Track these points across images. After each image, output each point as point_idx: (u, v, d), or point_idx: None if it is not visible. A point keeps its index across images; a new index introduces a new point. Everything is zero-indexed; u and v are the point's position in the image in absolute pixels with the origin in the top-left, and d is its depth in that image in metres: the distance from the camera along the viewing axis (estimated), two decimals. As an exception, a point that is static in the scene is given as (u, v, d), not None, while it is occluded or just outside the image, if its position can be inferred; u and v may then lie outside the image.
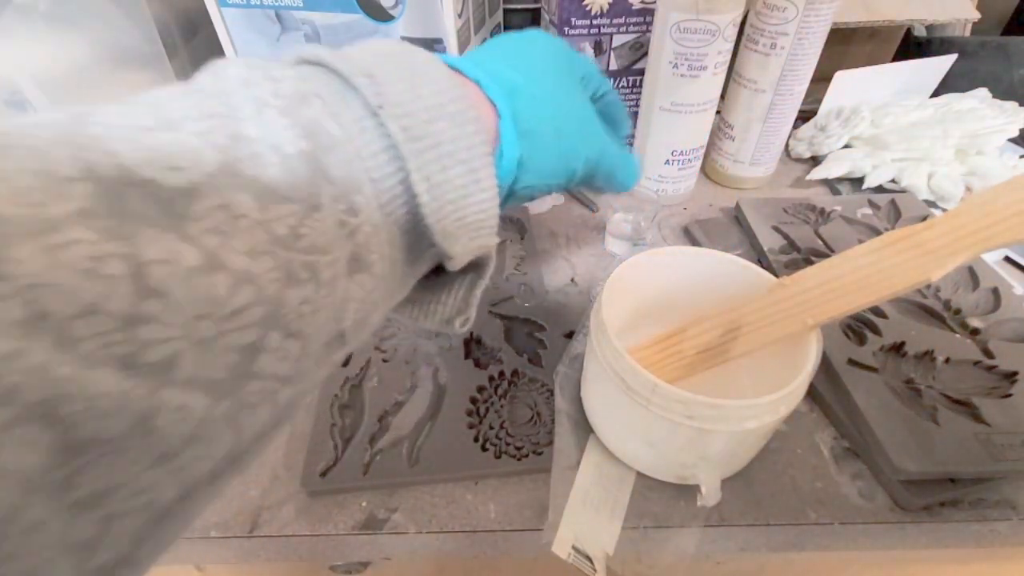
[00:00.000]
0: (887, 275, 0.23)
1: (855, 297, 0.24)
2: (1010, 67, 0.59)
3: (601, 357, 0.27)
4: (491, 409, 0.33)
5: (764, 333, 0.27)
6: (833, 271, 0.25)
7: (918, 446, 0.28)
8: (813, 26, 0.43)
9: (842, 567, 0.38)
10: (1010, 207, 0.21)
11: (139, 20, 0.54)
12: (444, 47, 0.49)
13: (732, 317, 0.28)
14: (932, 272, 0.22)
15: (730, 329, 0.28)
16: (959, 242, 0.22)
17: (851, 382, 0.32)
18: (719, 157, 0.54)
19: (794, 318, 0.26)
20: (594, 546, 0.28)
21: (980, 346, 0.34)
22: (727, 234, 0.47)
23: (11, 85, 0.52)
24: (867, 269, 0.24)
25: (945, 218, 0.23)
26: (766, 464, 0.31)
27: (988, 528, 0.29)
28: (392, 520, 0.30)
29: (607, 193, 0.29)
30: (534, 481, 0.31)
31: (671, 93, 0.45)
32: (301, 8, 0.49)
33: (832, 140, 0.55)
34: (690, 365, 0.29)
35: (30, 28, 0.49)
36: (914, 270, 0.22)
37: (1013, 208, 0.21)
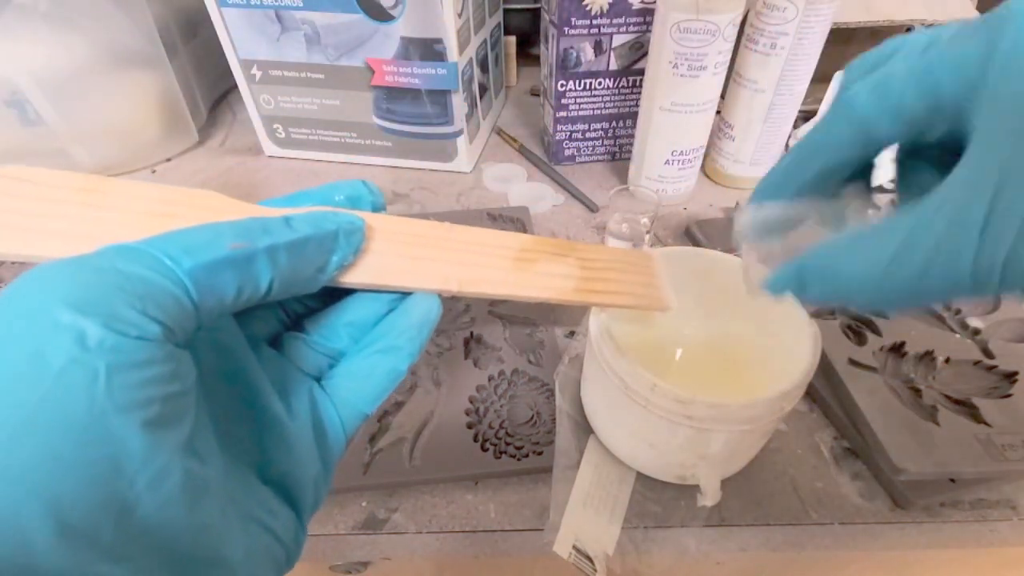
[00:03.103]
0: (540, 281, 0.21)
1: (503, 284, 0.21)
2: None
3: (600, 357, 0.27)
4: (491, 409, 0.33)
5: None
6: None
7: (918, 446, 0.28)
8: (813, 26, 0.43)
9: (842, 567, 0.38)
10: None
11: (139, 20, 0.54)
12: (444, 47, 0.49)
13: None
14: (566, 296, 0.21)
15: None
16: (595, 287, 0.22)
17: (851, 382, 0.32)
18: (719, 157, 0.54)
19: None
20: (594, 546, 0.28)
21: (980, 346, 0.34)
22: (727, 234, 0.47)
23: (11, 85, 0.51)
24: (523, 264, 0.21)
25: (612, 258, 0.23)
26: (766, 464, 0.31)
27: (988, 528, 0.29)
28: (392, 520, 0.30)
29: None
30: (534, 481, 0.31)
31: (671, 93, 0.45)
32: (301, 8, 0.49)
33: (832, 140, 0.55)
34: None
35: (30, 28, 0.49)
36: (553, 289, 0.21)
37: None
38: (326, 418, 0.17)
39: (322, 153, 0.60)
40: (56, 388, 0.11)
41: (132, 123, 0.58)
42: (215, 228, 0.14)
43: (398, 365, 0.18)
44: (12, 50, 0.50)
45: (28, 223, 0.15)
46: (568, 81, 0.52)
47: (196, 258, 0.13)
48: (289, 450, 0.16)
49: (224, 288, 0.14)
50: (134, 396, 0.11)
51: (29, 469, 0.10)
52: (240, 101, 0.63)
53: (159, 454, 0.12)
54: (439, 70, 0.50)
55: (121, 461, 0.11)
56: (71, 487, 0.11)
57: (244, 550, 0.14)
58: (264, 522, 0.15)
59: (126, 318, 0.12)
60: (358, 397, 0.18)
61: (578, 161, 0.59)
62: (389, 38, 0.49)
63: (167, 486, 0.12)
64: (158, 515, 0.12)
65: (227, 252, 0.14)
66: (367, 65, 0.51)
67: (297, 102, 0.56)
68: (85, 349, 0.11)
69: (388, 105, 0.54)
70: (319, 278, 0.17)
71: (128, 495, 0.11)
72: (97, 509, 0.11)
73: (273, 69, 0.54)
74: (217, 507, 0.13)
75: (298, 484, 0.16)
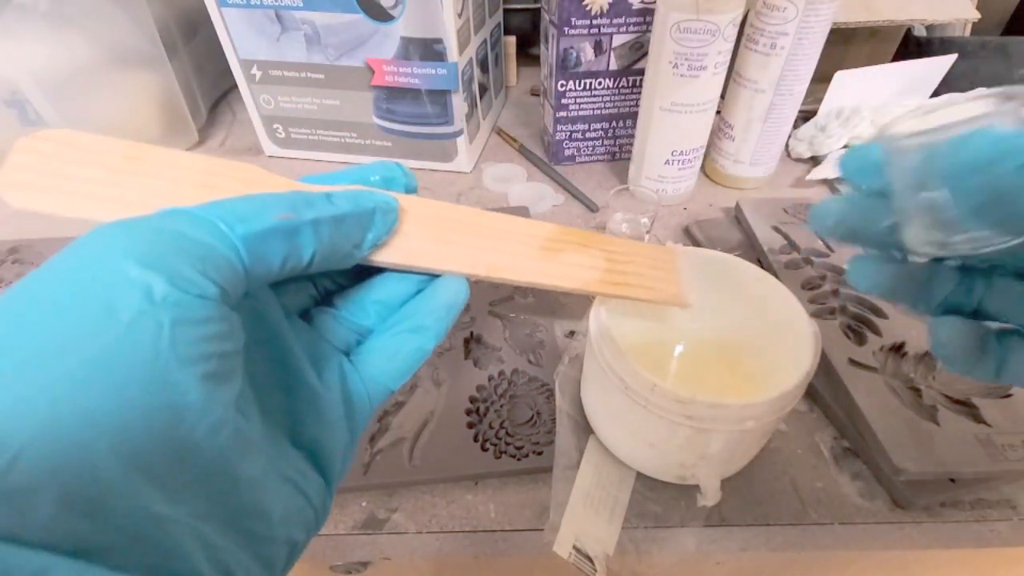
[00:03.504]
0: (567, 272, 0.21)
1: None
2: (1010, 67, 0.59)
3: (600, 357, 0.27)
4: (491, 409, 0.33)
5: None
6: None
7: (918, 446, 0.28)
8: (813, 26, 0.43)
9: (842, 567, 0.38)
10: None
11: (139, 20, 0.54)
12: (444, 47, 0.49)
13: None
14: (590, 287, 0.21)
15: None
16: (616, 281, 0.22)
17: (851, 382, 0.32)
18: (719, 157, 0.54)
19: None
20: (595, 546, 0.28)
21: (980, 346, 0.34)
22: (727, 234, 0.47)
23: (11, 85, 0.51)
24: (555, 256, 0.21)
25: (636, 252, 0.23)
26: (766, 464, 0.31)
27: (988, 528, 0.29)
28: (392, 520, 0.30)
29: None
30: (534, 481, 0.31)
31: (671, 93, 0.45)
32: (301, 8, 0.49)
33: (832, 140, 0.55)
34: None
35: (30, 28, 0.49)
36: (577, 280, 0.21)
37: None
38: (354, 391, 0.18)
39: (322, 153, 0.60)
40: (126, 337, 0.11)
41: (132, 123, 0.58)
42: (263, 199, 0.15)
43: (425, 344, 0.18)
44: (12, 50, 0.50)
45: (75, 186, 0.15)
46: (568, 81, 0.52)
47: (248, 226, 0.14)
48: (320, 418, 0.17)
49: (271, 256, 0.14)
50: (194, 350, 0.12)
51: (101, 410, 0.11)
52: (240, 101, 0.64)
53: (215, 407, 0.12)
54: (439, 70, 0.50)
55: (182, 410, 0.12)
56: (138, 429, 0.11)
57: (282, 507, 0.15)
58: (297, 484, 0.15)
59: (188, 277, 0.12)
60: (385, 373, 0.18)
61: (578, 161, 0.59)
62: (389, 38, 0.49)
63: (222, 437, 0.13)
64: (212, 464, 0.13)
65: (275, 222, 0.14)
66: (367, 65, 0.51)
67: (297, 102, 0.56)
68: (152, 303, 0.12)
69: (388, 105, 0.54)
70: (355, 254, 0.17)
71: (188, 442, 0.12)
72: (160, 452, 0.12)
73: (273, 69, 0.54)
74: (260, 464, 0.14)
75: (327, 451, 0.17)
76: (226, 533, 0.13)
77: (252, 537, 0.14)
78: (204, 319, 0.12)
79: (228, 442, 0.13)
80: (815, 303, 0.38)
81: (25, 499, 0.10)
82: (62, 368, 0.11)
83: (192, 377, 0.12)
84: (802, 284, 0.39)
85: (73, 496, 0.11)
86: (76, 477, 0.11)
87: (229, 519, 0.13)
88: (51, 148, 0.16)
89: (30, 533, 0.10)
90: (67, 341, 0.11)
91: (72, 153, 0.16)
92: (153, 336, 0.12)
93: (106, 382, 0.11)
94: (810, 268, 0.40)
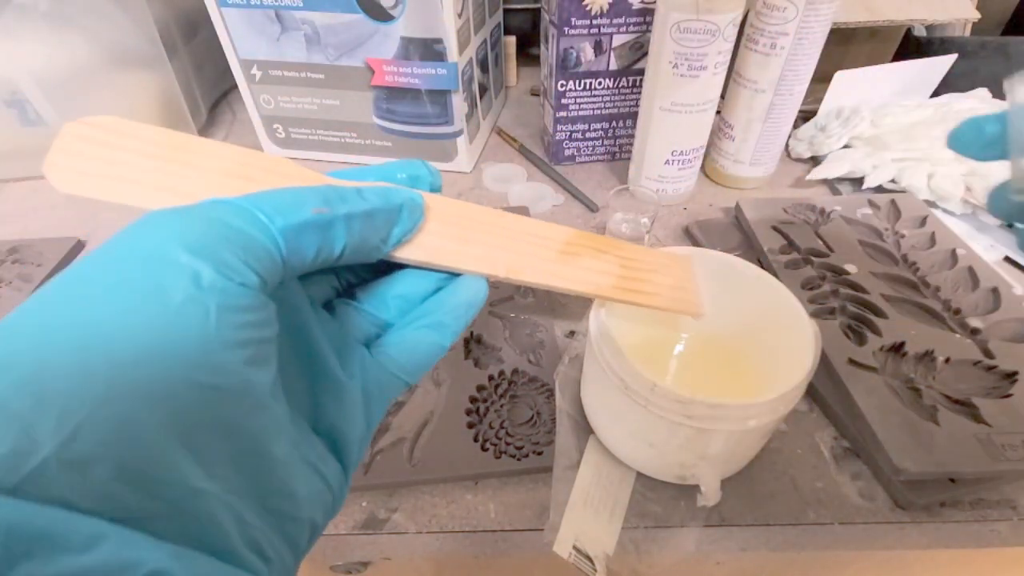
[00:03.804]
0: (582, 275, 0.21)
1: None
2: (1010, 67, 0.59)
3: (600, 357, 0.27)
4: (491, 409, 0.33)
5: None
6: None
7: (918, 446, 0.28)
8: (813, 26, 0.43)
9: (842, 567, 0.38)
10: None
11: (139, 20, 0.54)
12: (444, 47, 0.49)
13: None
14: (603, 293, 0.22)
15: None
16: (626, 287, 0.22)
17: (851, 382, 0.32)
18: (719, 157, 0.54)
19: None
20: (595, 546, 0.28)
21: (980, 346, 0.34)
22: (727, 234, 0.47)
23: (11, 85, 0.51)
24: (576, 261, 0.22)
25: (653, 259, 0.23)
26: (766, 464, 0.31)
27: (988, 528, 0.29)
28: (392, 520, 0.30)
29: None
30: (534, 481, 0.31)
31: (671, 93, 0.45)
32: (301, 8, 0.49)
33: (832, 140, 0.55)
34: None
35: (30, 28, 0.49)
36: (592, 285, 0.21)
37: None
38: (372, 382, 0.18)
39: (322, 153, 0.60)
40: (177, 320, 0.12)
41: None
42: (300, 192, 0.15)
43: (443, 341, 0.19)
44: (12, 50, 0.50)
45: (119, 172, 0.16)
46: (568, 81, 0.52)
47: (287, 218, 0.14)
48: (341, 406, 0.17)
49: (306, 248, 0.15)
50: (236, 335, 0.13)
51: (153, 387, 0.12)
52: (240, 101, 0.64)
53: (253, 390, 0.13)
54: (439, 70, 0.50)
55: (225, 391, 0.13)
56: (185, 407, 0.12)
57: (306, 489, 0.15)
58: (318, 468, 0.16)
59: (232, 265, 0.13)
60: (402, 367, 0.18)
61: (578, 161, 0.59)
62: (389, 38, 0.49)
63: (258, 419, 0.13)
64: (248, 443, 0.13)
65: (311, 216, 0.15)
66: (367, 65, 0.51)
67: (297, 102, 0.56)
68: (200, 288, 0.12)
69: (388, 105, 0.54)
70: (381, 248, 0.17)
71: (228, 421, 0.13)
72: (203, 429, 0.12)
73: (273, 69, 0.54)
74: (288, 446, 0.14)
75: (345, 439, 0.17)
76: (257, 511, 0.14)
77: (280, 516, 0.14)
78: (246, 306, 0.13)
79: (263, 423, 0.14)
80: (815, 303, 0.38)
81: (83, 468, 0.11)
82: (121, 346, 0.12)
83: (235, 360, 0.13)
84: (802, 284, 0.39)
85: (125, 467, 0.11)
86: (128, 450, 0.11)
87: (260, 497, 0.14)
88: (97, 134, 0.16)
89: (85, 501, 0.11)
90: (125, 321, 0.12)
91: (117, 139, 0.16)
92: (201, 320, 0.12)
93: (159, 361, 0.12)
94: (810, 268, 0.40)
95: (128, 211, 0.16)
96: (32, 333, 0.12)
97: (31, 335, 0.12)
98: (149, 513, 0.11)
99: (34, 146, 0.56)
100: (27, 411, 0.11)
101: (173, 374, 0.12)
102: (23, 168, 0.59)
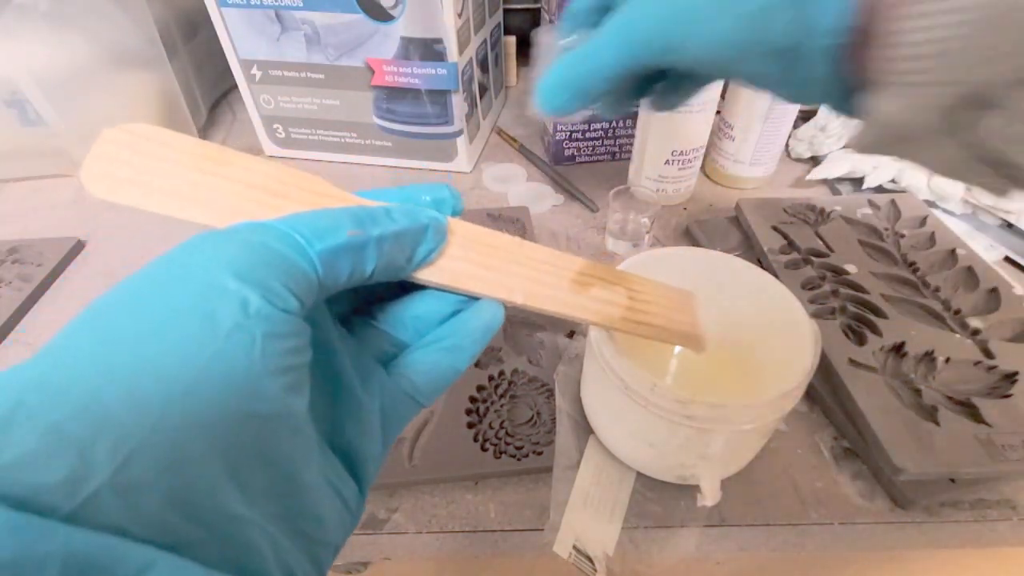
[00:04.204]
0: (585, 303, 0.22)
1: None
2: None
3: (600, 357, 0.27)
4: (491, 409, 0.33)
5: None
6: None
7: (918, 446, 0.28)
8: (813, 26, 0.43)
9: (842, 567, 0.38)
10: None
11: (139, 20, 0.55)
12: (444, 47, 0.49)
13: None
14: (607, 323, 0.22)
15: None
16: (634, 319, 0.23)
17: (851, 382, 0.32)
18: (719, 157, 0.54)
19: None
20: (594, 546, 0.28)
21: (980, 346, 0.34)
22: (727, 234, 0.47)
23: (11, 85, 0.51)
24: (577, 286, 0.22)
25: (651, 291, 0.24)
26: (766, 464, 0.31)
27: (988, 528, 0.29)
28: (392, 520, 0.30)
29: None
30: (534, 481, 0.31)
31: (671, 93, 0.45)
32: (301, 8, 0.49)
33: (832, 140, 0.55)
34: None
35: (30, 28, 0.49)
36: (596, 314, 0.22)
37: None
38: (390, 402, 0.18)
39: (322, 153, 0.60)
40: (226, 347, 0.12)
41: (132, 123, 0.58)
42: (336, 215, 0.15)
43: (459, 365, 0.19)
44: (12, 50, 0.50)
45: (156, 182, 0.16)
46: (568, 81, 0.52)
47: (325, 242, 0.14)
48: (360, 426, 0.17)
49: (341, 270, 0.15)
50: (279, 362, 0.13)
51: (203, 415, 0.12)
52: (240, 101, 0.64)
53: (292, 417, 0.13)
54: (439, 70, 0.50)
55: (267, 418, 0.13)
56: (230, 434, 0.12)
57: (332, 512, 0.15)
58: (337, 488, 0.16)
59: (276, 291, 0.13)
60: (418, 388, 0.18)
61: (578, 161, 0.59)
62: (389, 38, 0.49)
63: (294, 444, 0.14)
64: (284, 469, 0.13)
65: (347, 239, 0.15)
66: (367, 65, 0.51)
67: (297, 102, 0.56)
68: (247, 315, 0.12)
69: (388, 105, 0.54)
70: (406, 268, 0.17)
71: (268, 447, 0.13)
72: (245, 456, 0.12)
73: (273, 69, 0.54)
74: (317, 470, 0.15)
75: (362, 459, 0.17)
76: (289, 535, 0.14)
77: (309, 539, 0.14)
78: (287, 333, 0.13)
79: (298, 448, 0.14)
80: (815, 303, 0.38)
81: (135, 495, 0.11)
82: (172, 373, 0.12)
83: (276, 387, 0.13)
84: (802, 284, 0.39)
85: (173, 494, 0.11)
86: (177, 476, 0.11)
87: (292, 521, 0.14)
88: (135, 141, 0.16)
89: (136, 527, 0.11)
90: (176, 348, 0.12)
91: (155, 148, 0.16)
92: (247, 348, 0.12)
93: (209, 389, 0.12)
94: (810, 268, 0.40)
95: (131, 215, 0.16)
96: (87, 357, 0.12)
97: (86, 359, 0.12)
98: (193, 539, 0.11)
99: (34, 146, 0.56)
100: (84, 437, 0.11)
101: (220, 402, 0.12)
102: (23, 168, 0.59)
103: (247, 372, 0.12)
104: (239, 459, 0.12)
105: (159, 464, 0.11)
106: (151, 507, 0.11)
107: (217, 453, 0.12)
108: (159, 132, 0.17)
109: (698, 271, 0.31)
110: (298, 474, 0.14)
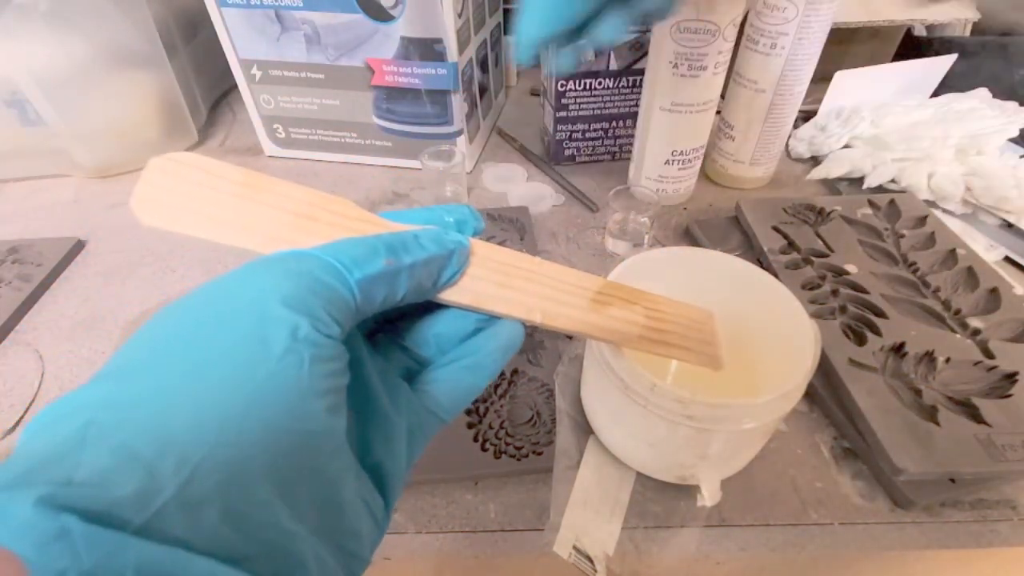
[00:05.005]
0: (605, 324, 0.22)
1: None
2: (1010, 67, 0.59)
3: (600, 357, 0.27)
4: (491, 409, 0.33)
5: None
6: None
7: (918, 446, 0.28)
8: (813, 26, 0.43)
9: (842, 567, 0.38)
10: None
11: (139, 20, 0.54)
12: (444, 47, 0.49)
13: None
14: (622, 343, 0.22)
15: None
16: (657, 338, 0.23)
17: (851, 382, 0.32)
18: (719, 157, 0.54)
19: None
20: (594, 546, 0.28)
21: (980, 346, 0.34)
22: (727, 234, 0.47)
23: (11, 85, 0.52)
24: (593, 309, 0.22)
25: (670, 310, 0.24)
26: (766, 464, 0.31)
27: (988, 528, 0.29)
28: (392, 520, 0.30)
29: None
30: (534, 481, 0.31)
31: (671, 93, 0.45)
32: (301, 8, 0.49)
33: (832, 140, 0.55)
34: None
35: (30, 28, 0.49)
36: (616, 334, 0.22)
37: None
38: (415, 419, 0.18)
39: (322, 153, 0.60)
40: (278, 370, 0.13)
41: (132, 123, 0.58)
42: (371, 243, 0.16)
43: (479, 382, 0.19)
44: (12, 50, 0.50)
45: (200, 208, 0.17)
46: (568, 81, 0.52)
47: (363, 270, 0.15)
48: (388, 443, 0.17)
49: (376, 296, 0.16)
50: (323, 384, 0.14)
51: (257, 434, 0.12)
52: (240, 101, 0.63)
53: (334, 436, 0.14)
54: (439, 70, 0.50)
55: (313, 437, 0.13)
56: (281, 452, 0.13)
57: (366, 528, 0.16)
58: (368, 504, 0.16)
59: (321, 317, 0.14)
60: (441, 405, 0.19)
61: (578, 161, 0.59)
62: (389, 38, 0.49)
63: (337, 463, 0.14)
64: (327, 485, 0.14)
65: (383, 267, 0.16)
66: (367, 65, 0.51)
67: (297, 102, 0.56)
68: (296, 340, 0.13)
69: (388, 105, 0.54)
70: (431, 291, 0.18)
71: (314, 465, 0.14)
72: (294, 473, 0.13)
73: (273, 69, 0.54)
74: (354, 487, 0.15)
75: (388, 475, 0.17)
76: (331, 550, 0.14)
77: (348, 555, 0.15)
78: (330, 356, 0.14)
79: (338, 466, 0.14)
80: (815, 303, 0.38)
81: (198, 510, 0.11)
82: (229, 394, 0.12)
83: (321, 408, 0.14)
84: (802, 284, 0.39)
85: (230, 510, 0.12)
86: (234, 493, 0.12)
87: (334, 536, 0.14)
88: (179, 170, 0.17)
89: (199, 542, 0.11)
90: (233, 370, 0.13)
91: (201, 176, 0.17)
92: (296, 370, 0.13)
93: (262, 410, 0.13)
94: (810, 268, 0.40)
95: (130, 215, 0.16)
96: (152, 376, 0.13)
97: (151, 378, 0.12)
98: (248, 553, 0.12)
99: (34, 146, 0.56)
100: (151, 455, 0.11)
101: (272, 421, 0.13)
102: (23, 168, 0.59)
103: (297, 392, 0.13)
104: (288, 476, 0.13)
105: (218, 480, 0.12)
106: (211, 521, 0.12)
107: (269, 470, 0.13)
108: (205, 161, 0.17)
109: (698, 271, 0.31)
110: (339, 491, 0.14)
